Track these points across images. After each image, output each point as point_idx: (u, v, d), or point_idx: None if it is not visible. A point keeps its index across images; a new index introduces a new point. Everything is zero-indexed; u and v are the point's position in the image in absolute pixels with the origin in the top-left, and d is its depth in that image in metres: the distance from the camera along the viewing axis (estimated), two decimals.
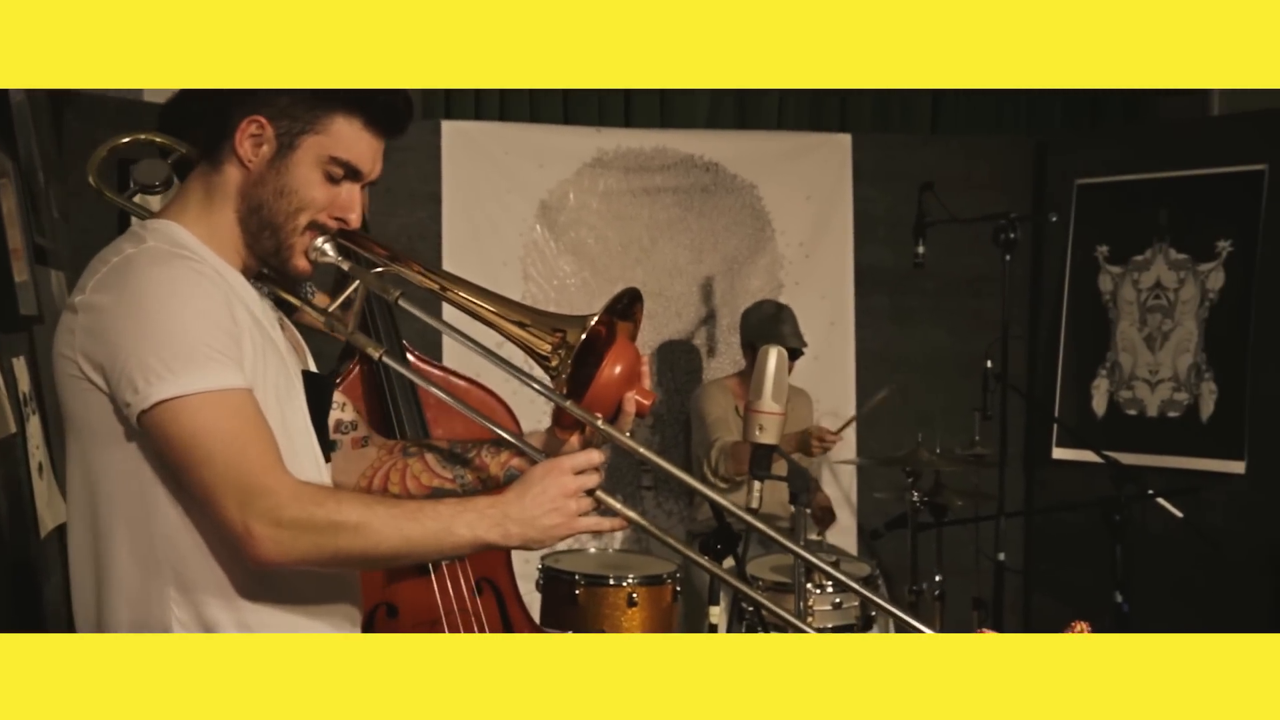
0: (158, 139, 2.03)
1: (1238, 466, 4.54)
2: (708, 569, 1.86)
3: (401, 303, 1.85)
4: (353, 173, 1.80)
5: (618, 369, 1.84)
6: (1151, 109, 5.44)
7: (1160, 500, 3.90)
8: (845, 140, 5.08)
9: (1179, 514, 3.83)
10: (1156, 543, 4.20)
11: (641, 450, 1.84)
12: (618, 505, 1.75)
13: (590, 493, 1.73)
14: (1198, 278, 4.71)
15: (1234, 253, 4.61)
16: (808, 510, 4.52)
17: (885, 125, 5.32)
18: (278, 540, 1.62)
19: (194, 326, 1.65)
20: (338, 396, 1.93)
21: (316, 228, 1.81)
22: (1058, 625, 2.26)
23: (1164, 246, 4.79)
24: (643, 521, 1.79)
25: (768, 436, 2.21)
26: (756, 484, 2.23)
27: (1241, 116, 4.88)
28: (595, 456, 1.75)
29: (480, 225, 4.78)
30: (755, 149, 5.03)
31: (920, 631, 1.77)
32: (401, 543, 1.66)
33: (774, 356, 2.20)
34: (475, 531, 1.68)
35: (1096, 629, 2.21)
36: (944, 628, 4.19)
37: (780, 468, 2.37)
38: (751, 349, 4.47)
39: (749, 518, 1.84)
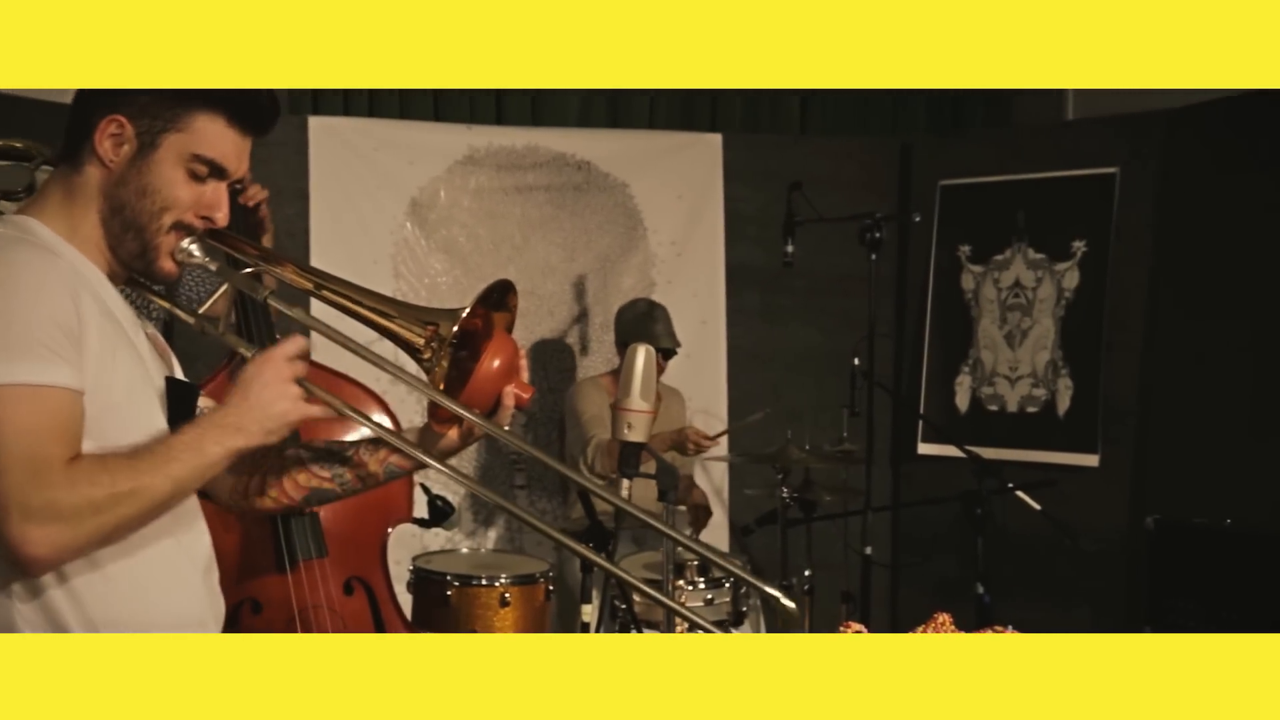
0: (17, 144, 1.97)
1: (1091, 460, 4.70)
2: (599, 563, 1.86)
3: (270, 301, 1.82)
4: (217, 171, 1.77)
5: (496, 362, 1.83)
6: (1010, 113, 5.60)
7: (1019, 493, 4.01)
8: (716, 140, 5.13)
9: (1037, 506, 3.95)
10: (1016, 535, 4.32)
11: (521, 443, 1.84)
12: (323, 394, 1.77)
13: (299, 382, 1.74)
14: (1054, 277, 4.86)
15: (1088, 253, 4.77)
16: (681, 507, 4.57)
17: (755, 125, 5.38)
18: (54, 538, 1.60)
19: (27, 317, 1.62)
20: (204, 401, 1.89)
21: (182, 228, 1.77)
22: (923, 617, 2.31)
23: (1022, 246, 4.94)
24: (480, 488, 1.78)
25: (636, 434, 2.22)
26: (626, 482, 2.24)
27: (1094, 121, 5.06)
28: (302, 342, 1.76)
29: (349, 223, 4.71)
30: (627, 148, 5.05)
31: (788, 607, 1.80)
32: (172, 486, 1.67)
33: (642, 355, 2.21)
34: (224, 444, 1.69)
35: (959, 620, 2.26)
36: (813, 621, 4.26)
37: (650, 466, 2.38)
38: (625, 347, 4.49)
39: (642, 514, 1.84)
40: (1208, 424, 4.37)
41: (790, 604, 1.84)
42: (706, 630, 1.79)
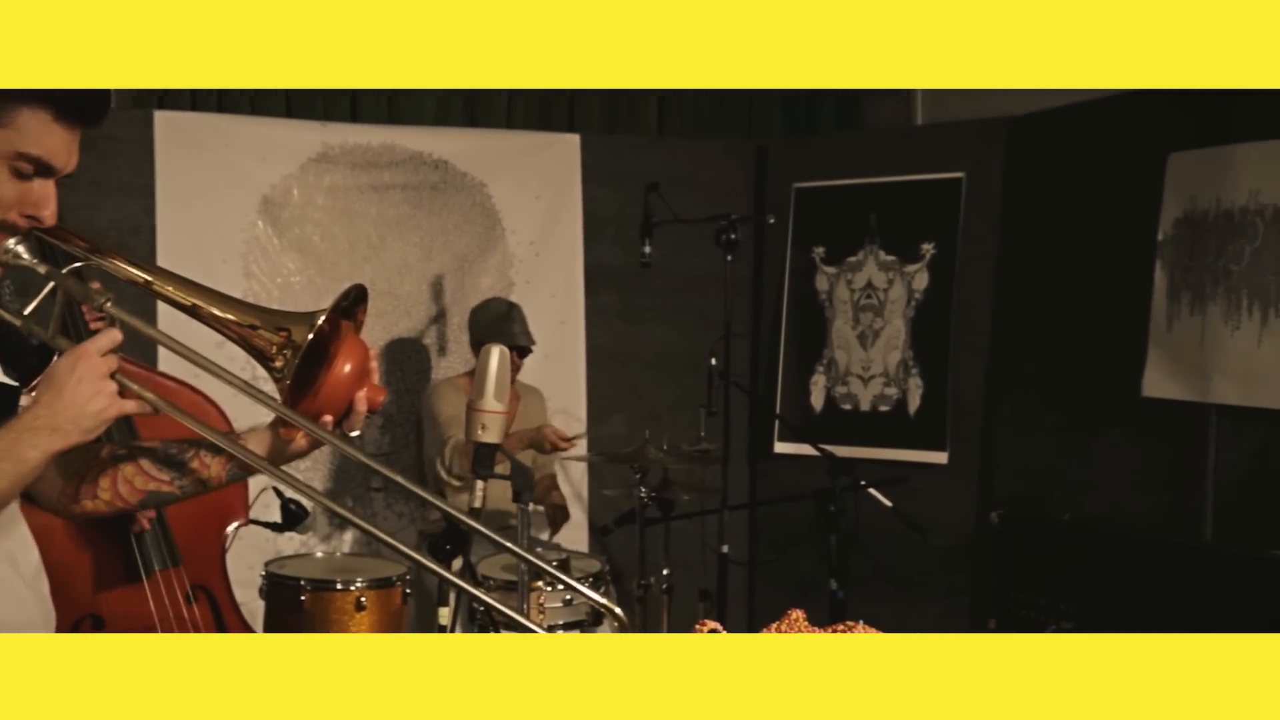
0: None
1: (941, 457, 4.83)
2: (436, 572, 1.84)
3: (109, 308, 1.76)
4: (44, 168, 1.70)
5: (348, 367, 1.80)
6: (861, 117, 5.72)
7: (871, 490, 4.10)
8: (574, 140, 5.13)
9: (888, 503, 4.04)
10: (869, 531, 4.41)
11: (362, 455, 1.81)
12: (136, 388, 1.72)
13: (114, 377, 1.70)
14: (905, 278, 4.98)
15: (936, 255, 4.90)
16: (540, 508, 4.56)
17: (613, 126, 5.39)
18: None
19: None
20: (25, 400, 1.81)
21: (6, 228, 1.70)
22: (780, 614, 2.34)
23: (874, 248, 5.05)
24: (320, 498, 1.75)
25: (490, 435, 2.21)
26: (480, 483, 2.22)
27: (942, 126, 5.20)
28: (115, 335, 1.71)
29: (198, 220, 4.58)
30: (485, 147, 5.02)
31: (615, 613, 1.80)
32: None
33: (495, 355, 2.20)
34: (39, 448, 1.65)
35: (813, 616, 2.30)
36: (671, 620, 4.29)
37: (504, 467, 2.37)
38: (482, 348, 4.46)
39: (470, 521, 1.83)
40: (1050, 422, 4.52)
41: (619, 611, 1.84)
42: (548, 632, 1.78)
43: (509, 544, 1.79)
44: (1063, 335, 4.49)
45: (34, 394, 1.71)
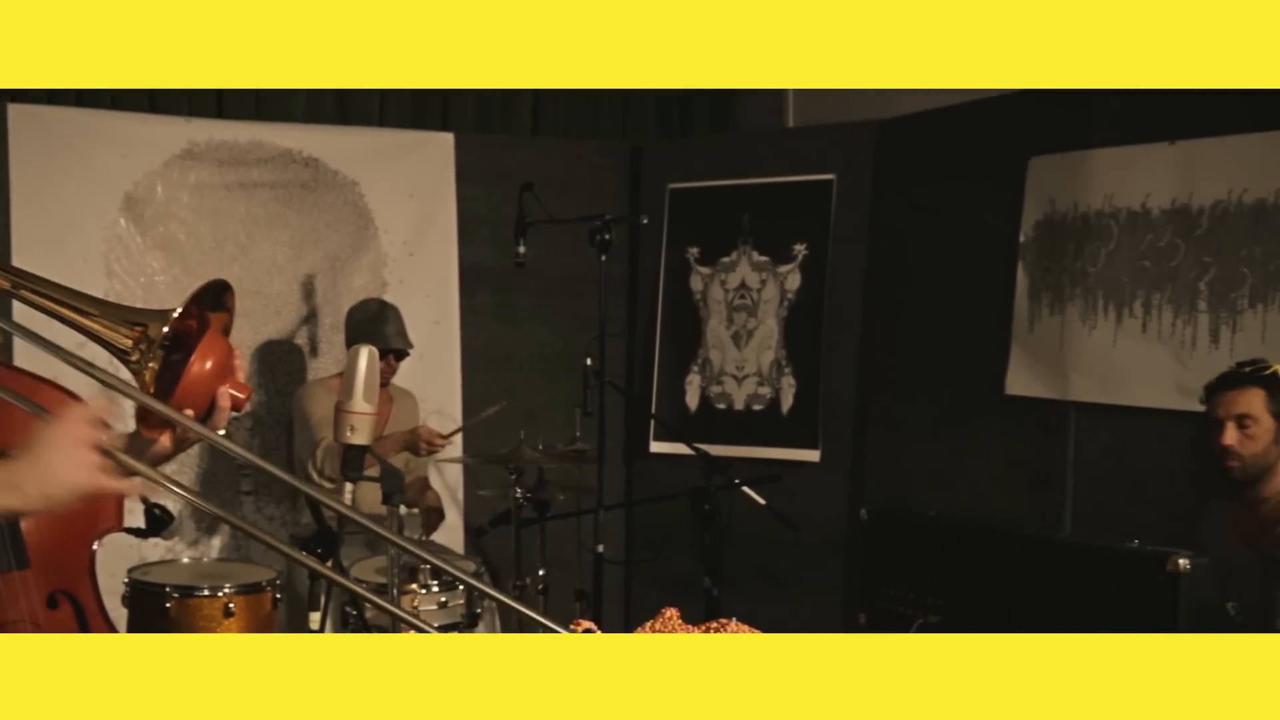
0: None
1: (813, 455, 4.90)
2: (323, 573, 1.81)
3: None
4: None
5: (208, 363, 1.76)
6: (734, 119, 5.77)
7: (746, 489, 4.14)
8: (448, 139, 5.09)
9: (762, 501, 4.09)
10: (743, 529, 4.46)
11: (235, 448, 1.77)
12: (132, 461, 1.65)
13: (104, 451, 1.63)
14: (777, 279, 5.04)
15: (808, 255, 4.97)
16: (414, 510, 4.51)
17: (487, 126, 5.37)
18: None
19: None
20: None
21: None
22: (655, 612, 2.35)
23: (747, 249, 5.10)
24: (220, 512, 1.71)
25: (359, 437, 2.18)
26: (349, 485, 2.19)
27: (813, 128, 5.28)
28: (105, 406, 1.66)
29: (56, 218, 4.43)
30: (356, 145, 4.95)
31: (542, 622, 1.80)
32: None
33: (365, 356, 2.17)
34: None
35: (687, 614, 2.32)
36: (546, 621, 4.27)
37: (374, 469, 2.34)
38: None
39: (365, 520, 1.80)
40: (919, 420, 4.62)
41: (524, 608, 1.83)
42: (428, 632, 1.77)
43: (401, 542, 1.77)
44: (931, 334, 4.60)
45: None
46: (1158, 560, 2.72)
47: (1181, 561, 2.66)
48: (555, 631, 1.74)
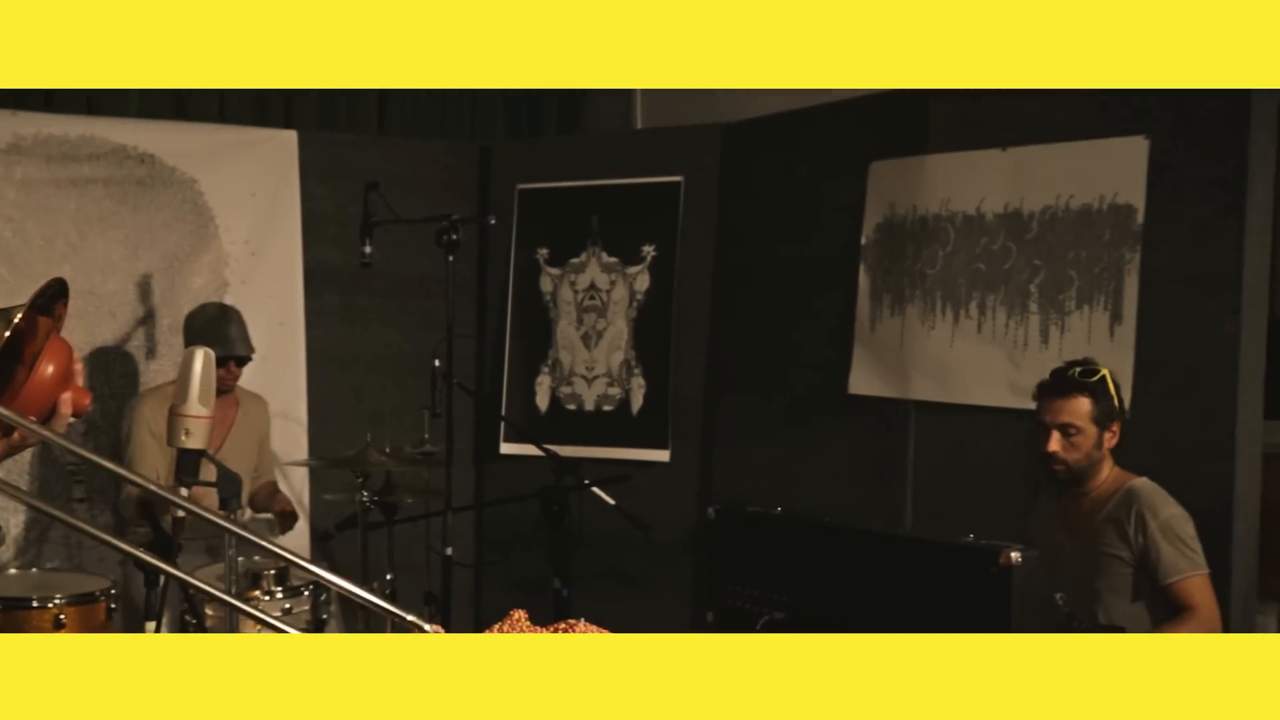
0: None
1: (663, 455, 4.94)
2: (172, 574, 1.75)
3: None
4: None
5: (50, 368, 1.70)
6: (583, 120, 5.78)
7: (595, 489, 4.15)
8: (291, 136, 4.98)
9: (612, 501, 4.11)
10: (593, 529, 4.47)
11: (82, 451, 1.71)
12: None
13: None
14: (627, 280, 5.07)
15: (657, 257, 5.01)
16: (265, 514, 4.42)
17: (332, 123, 5.28)
18: None
19: None
20: None
21: None
22: (504, 614, 2.34)
23: (597, 250, 5.12)
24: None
25: (195, 441, 2.13)
26: (184, 490, 2.14)
27: (661, 131, 5.32)
28: None
29: None
30: (195, 142, 4.81)
31: (406, 620, 1.78)
32: None
33: (199, 359, 2.12)
34: None
35: (537, 615, 2.31)
36: (395, 624, 4.22)
37: (210, 473, 2.28)
38: None
39: (208, 514, 1.75)
40: (766, 419, 4.70)
41: (428, 626, 1.81)
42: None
43: (275, 546, 1.73)
44: (777, 335, 4.67)
45: None
46: (991, 554, 2.81)
47: (1013, 555, 2.75)
48: (403, 619, 1.72)
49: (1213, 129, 3.47)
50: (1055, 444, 3.29)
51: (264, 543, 1.63)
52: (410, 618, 1.75)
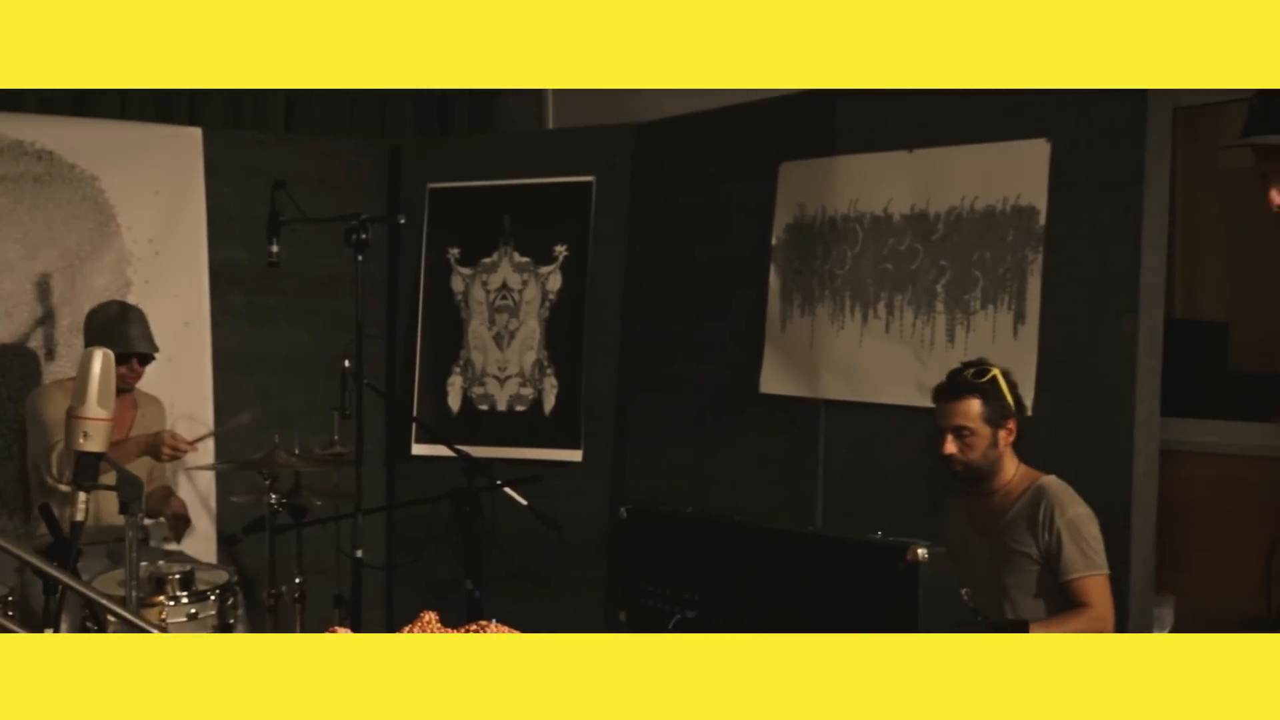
0: None
1: (576, 455, 4.94)
2: (66, 582, 1.71)
3: None
4: None
5: None
6: (494, 120, 5.76)
7: (508, 490, 4.14)
8: (196, 134, 4.90)
9: (524, 502, 4.10)
10: (506, 530, 4.46)
11: None
12: None
13: None
14: (539, 279, 5.06)
15: (569, 257, 5.01)
16: (160, 519, 4.34)
17: (238, 121, 5.20)
18: None
19: None
20: None
21: None
22: (416, 617, 2.33)
23: (509, 250, 5.10)
24: None
25: (94, 444, 2.08)
26: (82, 495, 2.09)
27: (572, 130, 5.32)
28: None
29: None
30: (95, 138, 4.71)
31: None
32: None
33: (98, 359, 2.08)
34: None
35: (449, 617, 2.30)
36: (305, 628, 4.18)
37: (109, 476, 2.24)
38: None
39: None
40: (678, 418, 4.71)
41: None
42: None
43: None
44: (689, 335, 4.69)
45: None
46: (898, 550, 2.84)
47: (920, 551, 2.78)
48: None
49: (1111, 132, 3.54)
50: (950, 446, 3.38)
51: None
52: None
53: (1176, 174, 3.91)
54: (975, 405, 3.35)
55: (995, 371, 3.38)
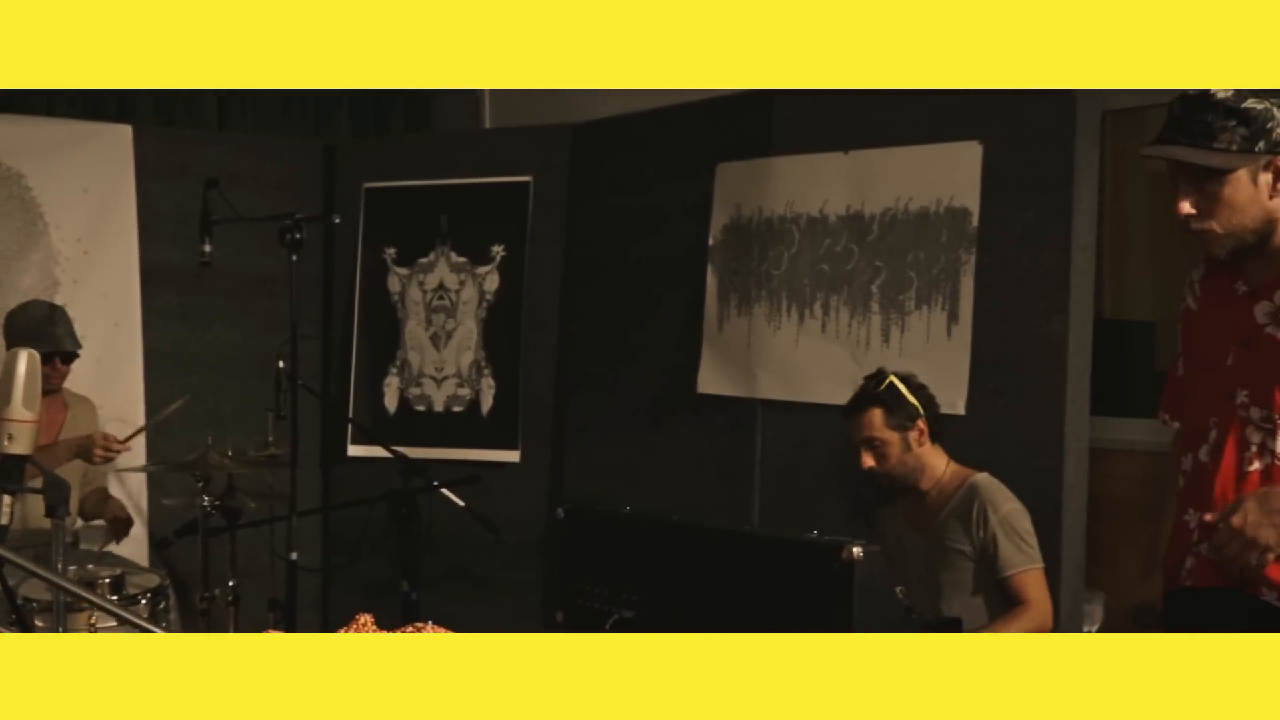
0: None
1: (513, 456, 4.93)
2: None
3: None
4: None
5: None
6: (430, 119, 5.73)
7: (445, 491, 4.12)
8: (126, 132, 4.83)
9: (461, 503, 4.08)
10: (443, 531, 4.44)
11: None
12: None
13: None
14: (476, 280, 5.04)
15: (507, 257, 5.00)
16: (98, 521, 4.28)
17: (169, 118, 5.13)
18: None
19: None
20: None
21: None
22: (351, 619, 2.31)
23: (446, 250, 5.08)
24: None
25: (19, 446, 2.05)
26: (7, 499, 2.06)
27: (509, 130, 5.31)
28: None
29: None
30: (22, 135, 4.63)
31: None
32: None
33: (24, 360, 2.05)
34: None
35: (385, 619, 2.29)
36: (239, 631, 4.13)
37: (36, 480, 2.20)
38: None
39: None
40: (615, 418, 4.72)
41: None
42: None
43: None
44: (626, 335, 4.70)
45: None
46: (834, 549, 2.86)
47: (855, 550, 2.81)
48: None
49: (1041, 135, 3.60)
50: (867, 460, 3.45)
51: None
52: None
53: (1105, 176, 3.97)
54: (877, 415, 3.41)
55: (891, 377, 3.44)
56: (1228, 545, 2.28)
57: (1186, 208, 2.40)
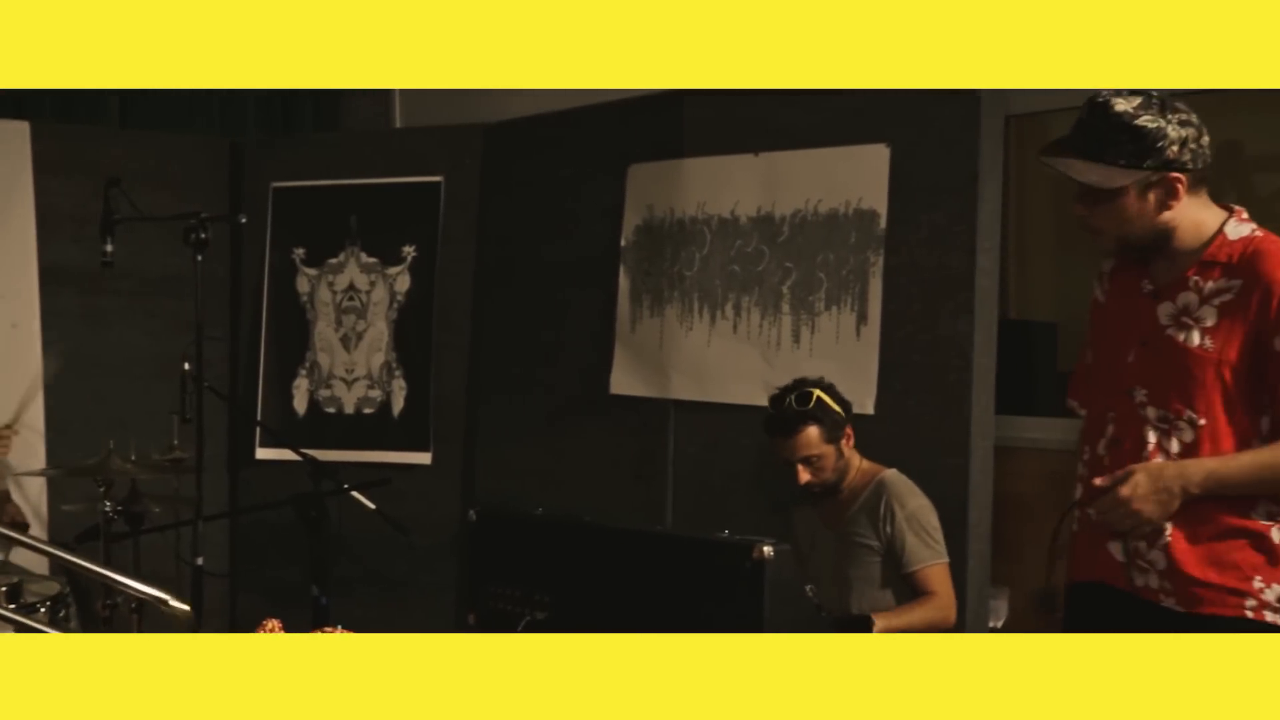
0: None
1: (425, 458, 4.89)
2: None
3: None
4: None
5: None
6: (339, 118, 5.67)
7: (355, 494, 4.08)
8: (23, 128, 4.72)
9: (372, 506, 4.04)
10: (354, 534, 4.39)
11: None
12: None
13: None
14: (387, 280, 4.99)
15: (418, 257, 4.96)
16: None
17: (69, 115, 5.01)
18: None
19: None
20: None
21: None
22: (259, 624, 2.28)
23: (356, 250, 5.03)
24: None
25: None
26: None
27: (420, 130, 5.27)
28: None
29: None
30: None
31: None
32: None
33: None
34: None
35: (294, 623, 2.26)
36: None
37: None
38: None
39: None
40: (528, 419, 4.70)
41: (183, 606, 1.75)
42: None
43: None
44: (539, 336, 4.69)
45: None
46: (745, 549, 2.90)
47: (766, 549, 2.84)
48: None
49: (947, 138, 3.66)
50: (804, 475, 3.44)
51: None
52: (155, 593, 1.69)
53: (1009, 179, 4.04)
54: (814, 432, 3.43)
55: (816, 392, 3.45)
56: (1111, 512, 2.36)
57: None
